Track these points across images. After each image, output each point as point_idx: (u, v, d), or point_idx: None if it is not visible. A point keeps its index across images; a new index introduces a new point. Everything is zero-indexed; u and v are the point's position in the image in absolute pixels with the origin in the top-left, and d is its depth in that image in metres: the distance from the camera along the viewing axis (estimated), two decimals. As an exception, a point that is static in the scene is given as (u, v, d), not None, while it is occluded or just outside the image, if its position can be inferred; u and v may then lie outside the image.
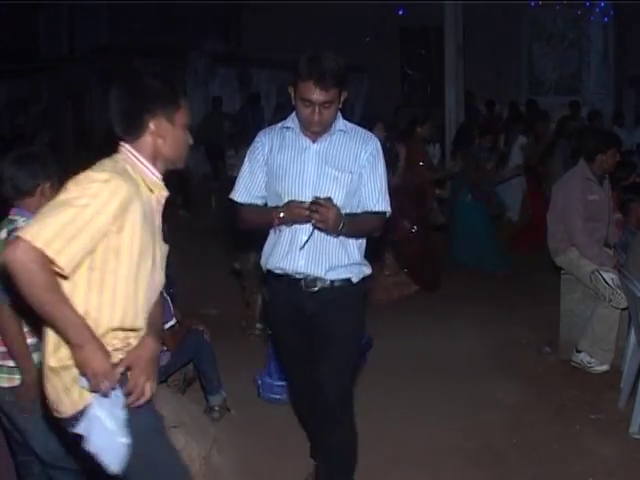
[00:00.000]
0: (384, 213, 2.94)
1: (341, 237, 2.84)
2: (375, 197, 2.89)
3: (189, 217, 9.15)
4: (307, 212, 2.71)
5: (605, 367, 4.68)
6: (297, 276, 2.88)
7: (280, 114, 11.64)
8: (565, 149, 8.48)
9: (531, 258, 7.18)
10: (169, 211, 2.35)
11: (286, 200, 2.84)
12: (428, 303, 6.30)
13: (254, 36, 12.93)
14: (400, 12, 13.17)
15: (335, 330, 2.92)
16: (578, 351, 4.76)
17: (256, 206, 2.97)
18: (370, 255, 3.06)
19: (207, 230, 7.76)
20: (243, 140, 9.70)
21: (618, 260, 4.74)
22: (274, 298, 3.05)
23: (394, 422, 3.99)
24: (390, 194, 3.00)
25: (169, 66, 12.36)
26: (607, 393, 4.37)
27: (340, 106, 2.81)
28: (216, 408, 4.04)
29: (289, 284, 2.91)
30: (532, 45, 14.11)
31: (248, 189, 2.96)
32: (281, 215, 2.79)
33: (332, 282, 2.88)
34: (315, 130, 2.80)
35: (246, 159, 2.97)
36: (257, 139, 2.96)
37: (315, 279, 2.87)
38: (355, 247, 2.93)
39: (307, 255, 2.85)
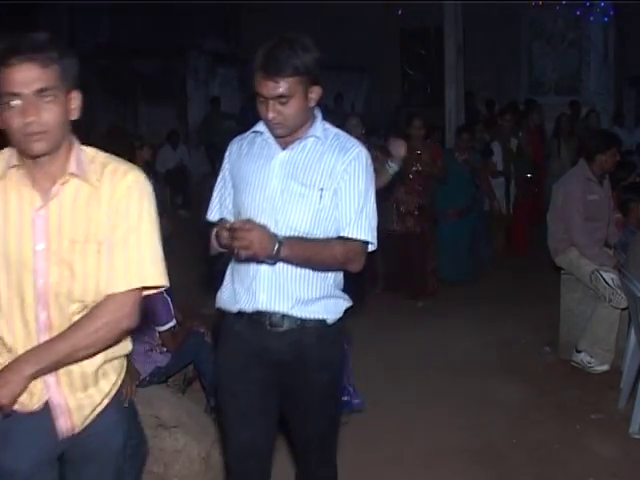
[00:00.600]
0: (361, 242, 2.35)
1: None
2: (347, 218, 2.33)
3: (189, 217, 9.15)
4: (225, 240, 2.24)
5: (605, 367, 4.68)
6: (259, 314, 2.38)
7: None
8: (554, 149, 8.47)
9: (531, 258, 7.20)
10: (169, 211, 2.34)
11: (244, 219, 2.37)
12: (427, 303, 6.30)
13: (254, 36, 12.93)
14: (400, 12, 13.16)
15: (307, 397, 2.46)
16: (578, 351, 4.76)
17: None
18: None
19: (207, 230, 7.76)
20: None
21: (618, 260, 4.75)
22: (229, 340, 2.50)
23: (394, 422, 3.99)
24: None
25: (169, 66, 12.39)
26: (607, 393, 4.37)
27: (312, 104, 2.34)
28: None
29: (250, 322, 2.40)
30: (532, 45, 14.09)
31: (221, 204, 2.57)
32: (215, 233, 2.34)
33: (303, 322, 2.37)
34: (276, 132, 2.35)
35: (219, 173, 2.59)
36: (228, 147, 2.57)
37: (282, 316, 2.36)
38: (328, 276, 2.42)
39: (268, 288, 2.36)
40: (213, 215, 2.59)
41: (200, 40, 12.59)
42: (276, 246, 2.20)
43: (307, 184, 2.33)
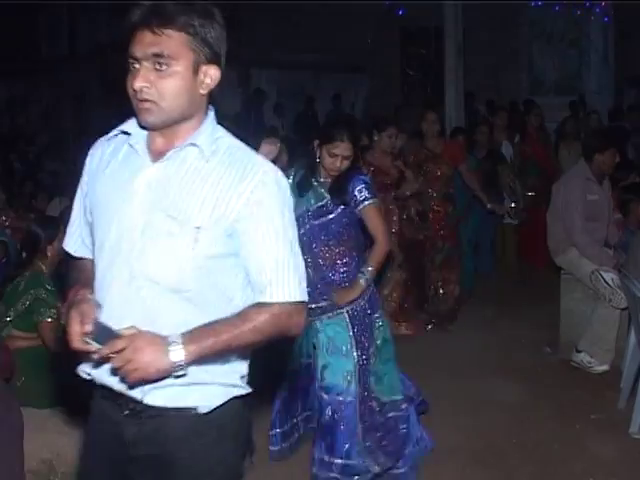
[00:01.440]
0: (289, 303, 1.66)
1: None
2: (264, 276, 1.64)
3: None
4: (96, 355, 1.60)
5: (605, 367, 4.69)
6: (111, 391, 1.72)
7: (279, 113, 11.65)
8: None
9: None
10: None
11: (101, 268, 1.71)
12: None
13: (254, 36, 12.93)
14: (400, 12, 13.16)
15: None
16: (578, 351, 4.76)
17: (88, 261, 1.83)
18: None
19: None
20: (244, 140, 9.70)
21: (618, 260, 4.75)
22: (90, 417, 1.84)
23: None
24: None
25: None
26: (607, 393, 4.37)
27: (204, 91, 1.67)
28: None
29: (104, 399, 1.75)
30: (532, 45, 14.10)
31: (81, 232, 1.86)
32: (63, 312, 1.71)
33: (164, 410, 1.68)
34: (145, 118, 1.65)
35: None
36: (89, 152, 1.85)
37: (136, 401, 1.68)
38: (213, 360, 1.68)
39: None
40: (72, 245, 1.90)
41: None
42: (169, 355, 1.56)
43: (178, 218, 1.62)
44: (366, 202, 3.33)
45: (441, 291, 5.76)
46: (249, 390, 1.78)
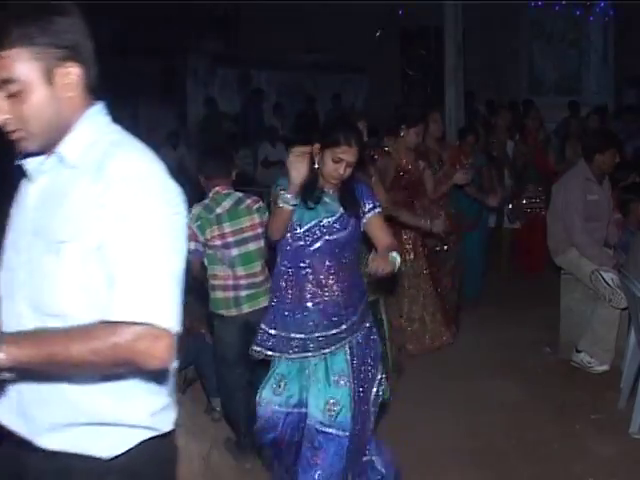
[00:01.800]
0: (138, 325, 1.39)
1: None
2: (113, 289, 1.41)
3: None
4: None
5: (605, 367, 4.69)
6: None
7: (279, 113, 11.65)
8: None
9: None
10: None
11: (1, 298, 1.63)
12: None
13: (254, 36, 12.94)
14: (400, 12, 13.17)
15: None
16: (578, 351, 4.76)
17: None
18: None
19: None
20: (243, 140, 9.72)
21: (618, 260, 4.75)
22: None
23: (394, 422, 3.98)
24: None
25: (169, 66, 12.38)
26: (607, 393, 4.37)
27: (71, 92, 1.50)
28: (217, 409, 4.04)
29: (10, 436, 1.58)
30: (532, 45, 14.10)
31: None
32: None
33: (55, 454, 1.51)
34: (22, 146, 1.51)
35: None
36: None
37: (34, 447, 1.54)
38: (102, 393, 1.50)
39: (7, 400, 1.55)
40: None
41: (200, 41, 12.60)
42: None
43: (47, 236, 1.48)
44: (375, 210, 3.07)
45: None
46: (165, 430, 1.57)
